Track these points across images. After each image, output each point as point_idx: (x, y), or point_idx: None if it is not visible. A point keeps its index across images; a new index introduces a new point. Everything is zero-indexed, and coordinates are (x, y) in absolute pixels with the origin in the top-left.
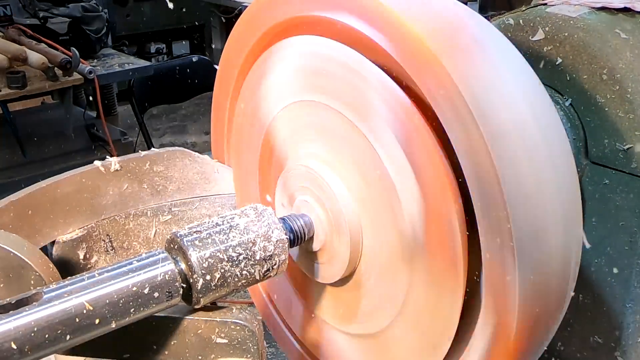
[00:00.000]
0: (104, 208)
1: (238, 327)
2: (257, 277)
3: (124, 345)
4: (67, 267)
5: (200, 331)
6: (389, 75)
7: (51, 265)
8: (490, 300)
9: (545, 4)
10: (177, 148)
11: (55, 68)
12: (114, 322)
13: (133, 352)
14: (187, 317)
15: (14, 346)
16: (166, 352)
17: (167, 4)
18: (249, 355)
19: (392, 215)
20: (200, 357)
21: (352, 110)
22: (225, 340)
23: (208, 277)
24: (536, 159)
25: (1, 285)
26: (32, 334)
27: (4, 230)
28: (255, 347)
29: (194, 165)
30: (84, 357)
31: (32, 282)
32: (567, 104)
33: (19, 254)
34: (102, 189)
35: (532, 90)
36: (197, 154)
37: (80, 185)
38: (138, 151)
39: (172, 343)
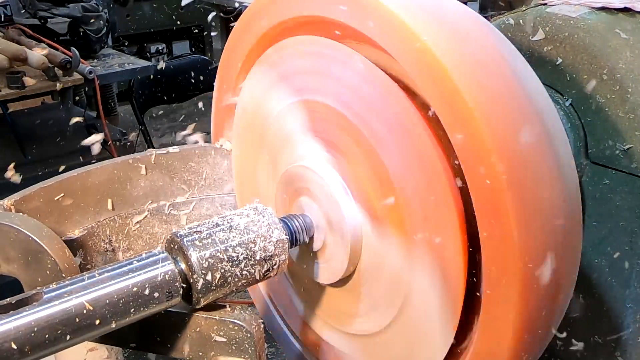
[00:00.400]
0: (135, 199)
1: (236, 327)
2: (257, 277)
3: (131, 334)
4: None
5: (200, 328)
6: (389, 75)
7: (68, 252)
8: (490, 300)
9: (545, 4)
10: (209, 144)
11: (55, 68)
12: (114, 322)
13: (139, 342)
14: (188, 313)
15: (14, 346)
16: (169, 345)
17: (167, 3)
18: (246, 356)
19: (392, 215)
20: (200, 354)
21: (353, 111)
22: (224, 339)
23: (208, 277)
24: (538, 163)
25: (20, 268)
26: (32, 334)
27: (33, 215)
28: (252, 348)
29: (225, 161)
30: (95, 343)
31: (48, 266)
32: (567, 104)
33: (36, 239)
34: (134, 181)
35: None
36: (228, 150)
37: (111, 175)
38: (136, 151)
39: (174, 337)
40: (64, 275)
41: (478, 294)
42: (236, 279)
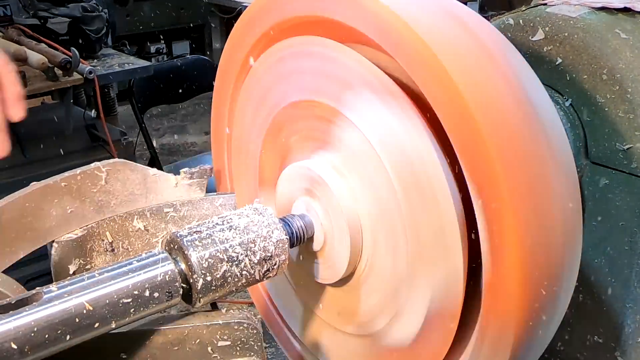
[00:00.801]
0: (48, 232)
1: (242, 327)
2: (257, 277)
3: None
4: (66, 268)
5: (200, 339)
6: (388, 75)
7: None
8: (490, 302)
9: (545, 4)
10: (117, 160)
11: (55, 68)
12: (113, 322)
13: None
14: (187, 325)
15: (14, 346)
16: None
17: (167, 3)
18: (252, 354)
19: (392, 214)
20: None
21: (352, 110)
22: (227, 343)
23: (208, 277)
24: (535, 158)
25: None
26: (32, 334)
27: None
28: (259, 344)
29: (135, 176)
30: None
31: None
32: (567, 104)
33: None
34: (45, 211)
35: (533, 91)
36: (136, 164)
37: (23, 209)
38: (136, 151)
39: (174, 351)
40: None
41: (480, 282)
42: (236, 279)
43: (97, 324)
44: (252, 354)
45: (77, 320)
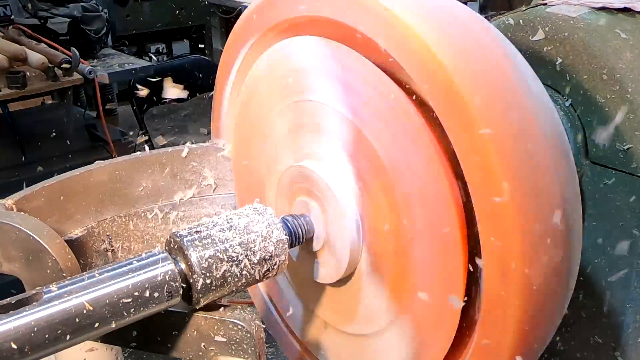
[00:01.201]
0: (137, 199)
1: (236, 328)
2: (257, 277)
3: (131, 334)
4: None
5: (200, 328)
6: (387, 73)
7: (69, 251)
8: (489, 308)
9: (545, 4)
10: (210, 144)
11: (55, 68)
12: (113, 322)
13: (139, 342)
14: (188, 313)
15: (14, 346)
16: (169, 345)
17: (167, 3)
18: (246, 356)
19: (392, 215)
20: (200, 353)
21: (350, 108)
22: (224, 339)
23: (208, 277)
24: (537, 158)
25: (22, 267)
26: (32, 334)
27: (35, 214)
28: (252, 348)
29: (227, 162)
30: (95, 342)
31: (49, 265)
32: (567, 104)
33: (37, 238)
34: (136, 181)
35: (532, 88)
36: (227, 151)
37: (113, 175)
38: (136, 151)
39: (174, 337)
40: (64, 274)
41: (479, 283)
42: (236, 279)
43: (97, 324)
44: (246, 356)
45: (77, 320)
